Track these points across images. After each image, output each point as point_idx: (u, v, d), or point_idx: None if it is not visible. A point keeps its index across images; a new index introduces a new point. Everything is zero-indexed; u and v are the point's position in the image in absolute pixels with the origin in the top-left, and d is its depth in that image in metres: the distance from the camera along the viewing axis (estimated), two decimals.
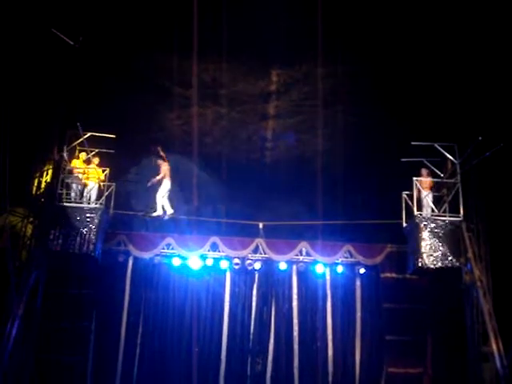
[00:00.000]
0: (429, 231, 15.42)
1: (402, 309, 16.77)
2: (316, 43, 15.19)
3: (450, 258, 15.26)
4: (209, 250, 16.91)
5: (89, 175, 16.11)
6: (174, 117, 17.81)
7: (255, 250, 17.05)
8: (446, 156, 16.14)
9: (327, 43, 15.10)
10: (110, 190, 16.03)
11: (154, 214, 16.31)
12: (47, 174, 15.53)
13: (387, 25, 14.95)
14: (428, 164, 16.39)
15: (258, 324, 17.03)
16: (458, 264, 15.28)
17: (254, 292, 17.34)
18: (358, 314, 17.35)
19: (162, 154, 16.29)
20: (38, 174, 15.39)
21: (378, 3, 14.59)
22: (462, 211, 15.65)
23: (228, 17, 14.75)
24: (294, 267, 17.47)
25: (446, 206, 15.92)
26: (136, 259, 16.86)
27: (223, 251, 16.91)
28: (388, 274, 17.12)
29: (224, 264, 17.12)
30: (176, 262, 16.94)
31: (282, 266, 17.20)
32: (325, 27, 14.73)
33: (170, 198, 16.39)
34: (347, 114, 17.44)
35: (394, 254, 17.15)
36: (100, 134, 16.12)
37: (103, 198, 15.79)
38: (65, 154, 15.67)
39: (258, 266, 17.06)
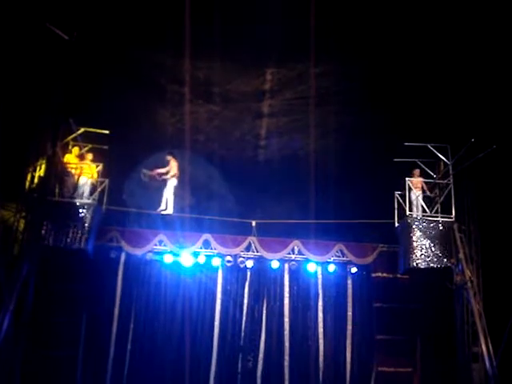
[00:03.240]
0: (420, 231, 15.52)
1: (392, 308, 16.84)
2: (310, 43, 15.23)
3: (441, 259, 15.38)
4: (201, 248, 16.87)
5: (82, 171, 16.08)
6: (167, 114, 17.81)
7: (247, 248, 17.05)
8: (438, 157, 16.24)
9: (321, 43, 15.15)
10: (103, 186, 16.03)
11: (165, 212, 16.65)
12: (40, 168, 15.44)
13: (381, 25, 15.01)
14: (421, 164, 16.50)
15: (249, 321, 17.02)
16: (448, 264, 15.40)
17: (246, 290, 17.32)
18: (349, 313, 17.39)
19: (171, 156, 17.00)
20: (31, 169, 15.30)
21: (371, 3, 14.65)
22: (453, 212, 15.75)
23: (222, 15, 14.77)
24: (286, 265, 17.47)
25: (437, 206, 16.02)
26: (128, 255, 16.78)
27: (215, 248, 16.89)
28: (379, 274, 17.18)
29: (216, 261, 17.09)
30: (168, 258, 16.90)
31: (274, 264, 17.20)
32: (318, 27, 14.77)
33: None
34: (340, 113, 17.50)
35: (386, 254, 17.21)
36: (94, 130, 16.16)
37: (96, 193, 15.80)
38: (58, 149, 15.63)
39: (250, 263, 17.06)
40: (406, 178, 15.99)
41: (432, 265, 15.32)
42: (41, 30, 14.08)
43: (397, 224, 16.27)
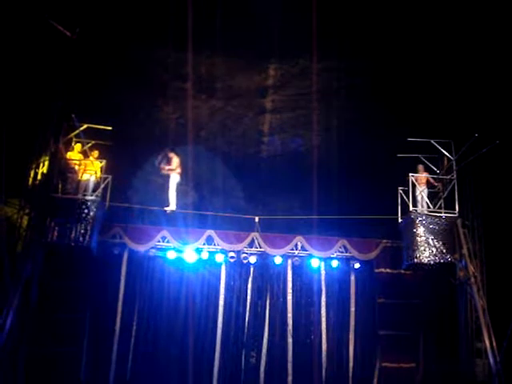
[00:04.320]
0: (424, 227, 15.49)
1: (395, 304, 16.80)
2: (312, 38, 15.20)
3: (444, 254, 15.35)
4: (204, 244, 16.86)
5: (85, 167, 16.07)
6: (169, 110, 17.79)
7: (251, 244, 17.03)
8: (442, 152, 16.21)
9: (323, 38, 15.13)
10: (106, 182, 16.03)
11: (168, 209, 16.54)
12: (43, 165, 15.42)
13: (383, 21, 15.00)
14: (424, 160, 16.47)
15: (252, 317, 17.07)
16: (452, 260, 15.39)
17: (249, 285, 17.35)
18: (352, 309, 17.43)
19: (172, 152, 16.79)
20: (34, 166, 15.28)
21: None
22: (457, 207, 15.73)
23: (225, 10, 14.76)
24: (289, 261, 17.47)
25: (441, 202, 16.00)
26: (131, 252, 16.78)
27: (219, 245, 16.86)
28: (382, 269, 17.14)
29: (219, 257, 17.09)
30: (171, 254, 16.90)
31: (278, 260, 17.19)
32: (321, 22, 14.75)
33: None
34: (343, 109, 17.50)
35: (389, 250, 17.18)
36: (96, 126, 16.13)
37: (99, 190, 15.78)
38: (61, 146, 15.63)
39: (253, 259, 17.04)
40: (410, 174, 15.96)
41: (435, 260, 15.30)
42: (43, 26, 14.07)
43: (400, 219, 16.25)
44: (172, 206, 16.63)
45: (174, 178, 16.79)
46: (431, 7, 14.68)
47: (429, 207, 16.00)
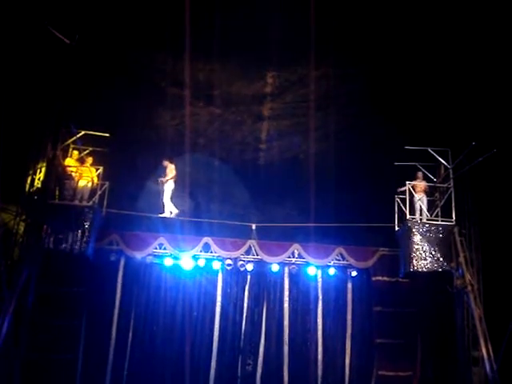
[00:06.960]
0: (421, 235, 15.48)
1: (392, 312, 16.75)
2: (310, 46, 15.24)
3: (441, 263, 15.33)
4: (201, 251, 16.82)
5: (82, 174, 16.07)
6: (168, 117, 17.81)
7: (248, 252, 17.00)
8: (439, 160, 16.23)
9: (321, 46, 15.15)
10: (103, 189, 16.02)
11: (162, 215, 16.70)
12: (40, 171, 15.44)
13: (381, 29, 15.02)
14: (421, 168, 16.48)
15: (249, 325, 17.02)
16: (449, 268, 15.35)
17: (246, 293, 17.31)
18: (349, 317, 17.39)
19: (168, 161, 17.18)
20: (31, 172, 15.30)
21: (371, 7, 14.67)
22: (454, 216, 15.73)
23: (223, 17, 14.78)
24: (286, 269, 17.43)
25: (438, 210, 16.00)
26: (128, 259, 16.75)
27: (215, 252, 16.83)
28: (379, 277, 17.09)
29: (216, 265, 17.06)
30: (168, 262, 16.87)
31: (274, 267, 17.18)
32: (319, 30, 14.77)
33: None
34: (341, 116, 17.52)
35: (386, 258, 17.13)
36: (94, 133, 16.15)
37: (96, 196, 15.77)
38: (58, 152, 15.62)
39: (250, 267, 17.01)
40: (407, 182, 15.98)
41: (432, 268, 15.28)
42: (42, 33, 14.10)
43: (397, 228, 16.27)
44: (173, 210, 16.75)
45: (169, 185, 16.88)
46: (428, 16, 14.70)
47: (426, 215, 16.00)
